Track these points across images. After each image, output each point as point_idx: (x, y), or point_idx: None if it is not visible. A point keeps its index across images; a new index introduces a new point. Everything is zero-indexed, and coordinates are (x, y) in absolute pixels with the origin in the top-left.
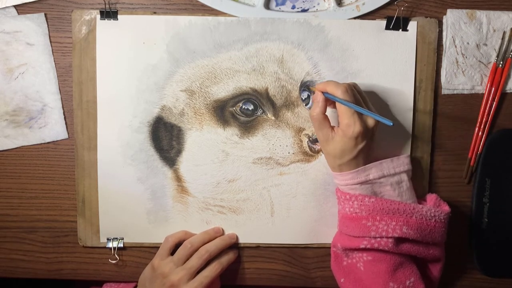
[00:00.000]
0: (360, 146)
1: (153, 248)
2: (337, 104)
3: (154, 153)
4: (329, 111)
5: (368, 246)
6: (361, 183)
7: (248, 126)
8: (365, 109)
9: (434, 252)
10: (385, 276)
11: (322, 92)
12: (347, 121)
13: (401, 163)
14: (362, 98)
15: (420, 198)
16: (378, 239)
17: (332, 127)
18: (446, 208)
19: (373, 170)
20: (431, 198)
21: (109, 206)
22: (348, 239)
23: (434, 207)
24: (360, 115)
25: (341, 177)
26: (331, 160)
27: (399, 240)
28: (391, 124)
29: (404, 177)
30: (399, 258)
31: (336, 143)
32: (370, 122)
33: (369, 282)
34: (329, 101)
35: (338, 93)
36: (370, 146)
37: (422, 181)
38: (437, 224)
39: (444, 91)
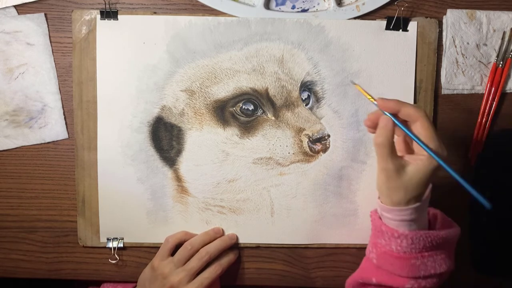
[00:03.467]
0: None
1: (153, 248)
2: (423, 127)
3: (154, 153)
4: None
5: (415, 286)
6: (414, 219)
7: (248, 126)
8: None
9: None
10: None
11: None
12: (434, 149)
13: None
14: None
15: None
16: (429, 279)
17: (400, 156)
18: (458, 228)
19: (426, 203)
20: (435, 215)
21: (109, 206)
22: (389, 276)
23: (456, 229)
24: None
25: (399, 212)
26: (397, 194)
27: (440, 275)
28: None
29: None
30: None
31: (412, 174)
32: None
33: None
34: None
35: (421, 114)
36: None
37: None
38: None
39: (444, 91)
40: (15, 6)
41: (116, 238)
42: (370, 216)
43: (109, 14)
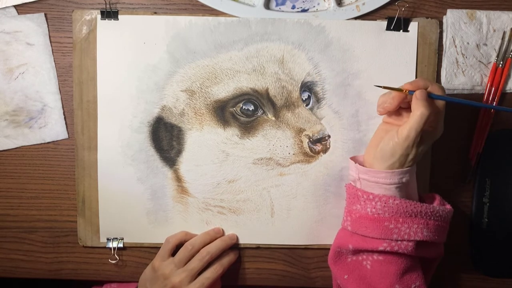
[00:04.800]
0: (424, 148)
1: (153, 248)
2: (433, 104)
3: (154, 153)
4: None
5: (388, 249)
6: (392, 184)
7: (248, 126)
8: (481, 103)
9: (439, 251)
10: (393, 278)
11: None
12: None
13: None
14: None
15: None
16: (399, 242)
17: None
18: (449, 207)
19: (407, 175)
20: (433, 197)
21: (109, 206)
22: (363, 240)
23: (443, 207)
24: None
25: (374, 174)
26: (384, 158)
27: (418, 244)
28: None
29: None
30: (410, 262)
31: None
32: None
33: (374, 281)
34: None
35: (441, 92)
36: None
37: (422, 181)
38: (446, 225)
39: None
40: (15, 6)
41: (116, 238)
42: (346, 188)
43: (109, 14)
